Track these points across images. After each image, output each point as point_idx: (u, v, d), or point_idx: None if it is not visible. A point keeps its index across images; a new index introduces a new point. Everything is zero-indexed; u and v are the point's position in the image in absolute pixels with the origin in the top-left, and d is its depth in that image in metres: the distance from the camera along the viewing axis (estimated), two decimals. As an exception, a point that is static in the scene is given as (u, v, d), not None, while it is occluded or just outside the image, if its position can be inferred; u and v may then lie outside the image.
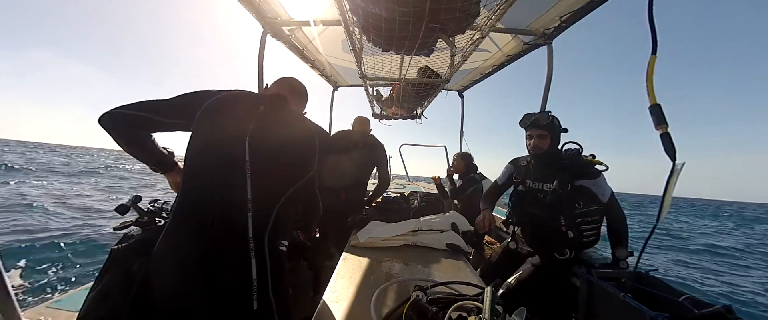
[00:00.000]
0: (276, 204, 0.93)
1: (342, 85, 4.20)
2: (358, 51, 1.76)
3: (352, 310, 1.01)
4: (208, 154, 0.92)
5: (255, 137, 0.92)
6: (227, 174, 0.89)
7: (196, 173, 0.92)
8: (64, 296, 1.37)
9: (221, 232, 0.85)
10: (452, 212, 1.99)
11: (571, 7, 1.76)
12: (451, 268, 1.39)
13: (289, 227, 1.05)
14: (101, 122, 0.91)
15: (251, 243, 0.86)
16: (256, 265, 0.86)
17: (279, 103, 1.02)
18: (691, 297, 1.21)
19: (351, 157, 2.35)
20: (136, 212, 1.20)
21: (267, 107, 0.99)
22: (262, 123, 0.95)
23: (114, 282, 0.87)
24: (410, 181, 5.41)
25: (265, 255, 0.89)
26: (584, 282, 1.44)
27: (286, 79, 1.15)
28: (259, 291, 0.87)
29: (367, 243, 1.64)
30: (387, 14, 1.22)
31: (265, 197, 0.90)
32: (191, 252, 0.85)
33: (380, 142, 2.56)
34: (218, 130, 0.94)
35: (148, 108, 0.93)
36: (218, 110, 0.95)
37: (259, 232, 0.88)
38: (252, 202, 0.87)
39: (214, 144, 0.93)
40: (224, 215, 0.86)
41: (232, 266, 0.86)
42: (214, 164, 0.92)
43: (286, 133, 1.00)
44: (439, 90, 2.82)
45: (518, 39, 2.31)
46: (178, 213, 0.90)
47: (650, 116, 0.79)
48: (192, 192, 0.91)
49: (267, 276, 0.89)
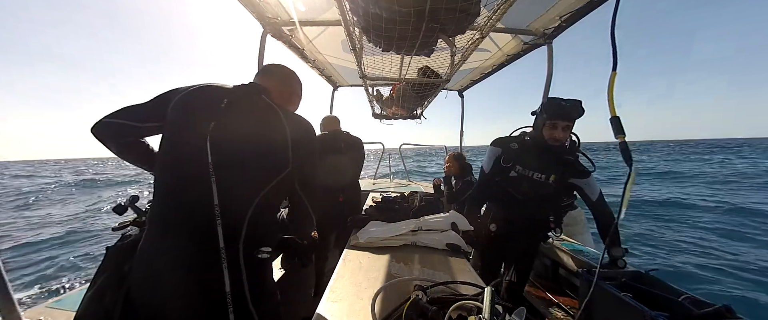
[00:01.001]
0: (248, 210, 0.84)
1: (342, 85, 4.20)
2: (358, 51, 1.76)
3: (352, 310, 1.01)
4: (173, 158, 0.86)
5: (216, 136, 0.83)
6: (191, 179, 0.82)
7: (163, 179, 0.87)
8: (64, 296, 1.37)
9: (190, 241, 0.80)
10: (452, 212, 1.98)
11: (571, 7, 1.76)
12: (451, 268, 1.39)
13: (270, 233, 0.98)
14: (92, 132, 0.91)
15: (223, 252, 0.79)
16: (229, 277, 0.79)
17: (245, 94, 0.92)
18: (691, 297, 1.21)
19: (345, 157, 2.35)
20: (133, 212, 1.20)
21: (230, 101, 0.88)
22: (224, 120, 0.85)
23: (109, 283, 0.87)
24: (410, 181, 5.40)
25: (240, 265, 0.83)
26: (584, 282, 1.44)
27: (266, 66, 1.06)
28: (235, 303, 0.80)
29: (367, 243, 1.64)
30: (387, 14, 1.22)
31: (234, 202, 0.83)
32: (163, 262, 0.81)
33: (361, 140, 2.54)
34: (180, 131, 0.87)
35: (130, 115, 0.91)
36: (182, 109, 0.88)
37: (231, 241, 0.81)
38: (220, 209, 0.79)
39: (178, 147, 0.86)
40: (192, 224, 0.81)
41: (204, 279, 0.80)
42: (178, 169, 0.85)
43: (251, 128, 0.88)
44: (439, 90, 2.82)
45: (518, 39, 2.31)
46: (151, 220, 0.87)
47: (610, 126, 0.85)
48: (161, 199, 0.86)
49: (244, 287, 0.84)
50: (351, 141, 2.43)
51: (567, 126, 1.54)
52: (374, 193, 3.12)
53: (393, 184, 4.96)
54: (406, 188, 4.11)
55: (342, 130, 2.47)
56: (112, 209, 1.15)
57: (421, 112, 3.76)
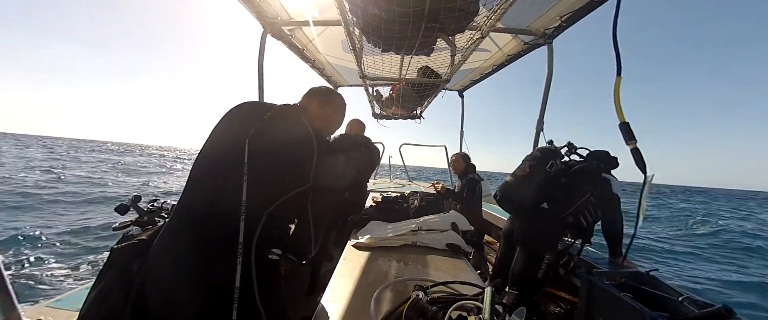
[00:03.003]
0: (265, 211, 0.91)
1: (342, 85, 4.20)
2: (358, 51, 1.76)
3: (352, 310, 1.01)
4: (211, 155, 0.95)
5: (255, 141, 0.92)
6: (226, 176, 0.90)
7: (197, 174, 0.94)
8: (64, 296, 1.37)
9: (213, 234, 0.85)
10: (452, 212, 1.99)
11: (571, 7, 1.76)
12: (451, 268, 1.39)
13: (280, 237, 1.02)
14: None
15: (240, 248, 0.84)
16: (240, 271, 0.83)
17: (286, 111, 1.03)
18: (691, 297, 1.21)
19: (353, 158, 2.36)
20: (135, 212, 1.20)
21: (272, 114, 0.99)
22: (264, 128, 0.95)
23: (114, 282, 0.87)
24: (410, 181, 5.40)
25: (251, 261, 0.87)
26: (584, 282, 1.44)
27: (313, 88, 1.19)
28: (242, 299, 0.84)
29: (367, 243, 1.64)
30: (387, 14, 1.22)
31: (257, 201, 0.89)
32: (184, 253, 0.85)
33: (375, 144, 2.58)
34: (223, 133, 0.98)
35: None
36: (228, 118, 1.00)
37: (247, 237, 0.86)
38: (245, 205, 0.85)
39: (218, 146, 0.96)
40: (218, 218, 0.86)
41: (220, 271, 0.84)
42: (214, 165, 0.94)
43: (284, 138, 0.99)
44: (439, 90, 2.82)
45: (518, 39, 2.31)
46: (177, 213, 0.92)
47: (620, 133, 0.82)
48: (190, 191, 0.93)
49: (252, 283, 0.87)
50: (360, 142, 2.45)
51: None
52: (374, 193, 3.12)
53: (393, 184, 4.96)
54: (406, 188, 4.11)
55: (360, 134, 2.50)
56: (114, 209, 1.15)
57: (421, 112, 3.76)
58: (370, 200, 2.81)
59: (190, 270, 0.84)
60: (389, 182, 5.17)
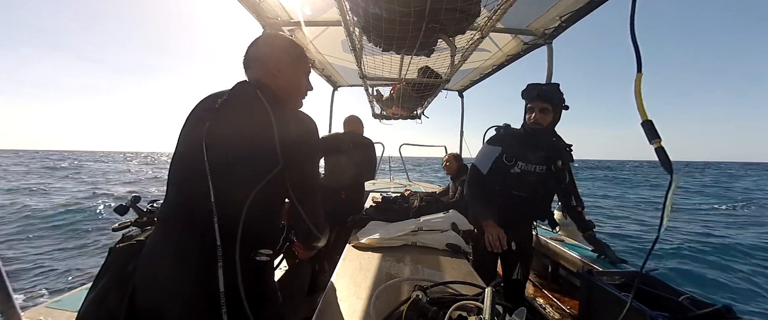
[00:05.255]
0: (242, 209, 0.84)
1: (342, 85, 4.20)
2: (358, 51, 1.76)
3: (352, 310, 1.01)
4: (178, 159, 0.91)
5: (211, 136, 0.85)
6: (192, 178, 0.84)
7: (172, 178, 0.92)
8: (64, 296, 1.37)
9: (190, 239, 0.82)
10: (452, 212, 1.98)
11: (571, 7, 1.76)
12: (451, 268, 1.39)
13: (270, 235, 0.97)
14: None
15: (219, 251, 0.79)
16: (223, 276, 0.79)
17: (237, 93, 0.92)
18: (691, 297, 1.21)
19: (349, 157, 2.36)
20: (135, 212, 1.20)
21: (222, 101, 0.89)
22: (218, 119, 0.88)
23: (111, 283, 0.87)
24: (410, 181, 5.40)
25: (236, 265, 0.82)
26: (584, 282, 1.44)
27: (249, 57, 1.02)
28: (230, 304, 0.79)
29: (367, 243, 1.64)
30: (387, 14, 1.22)
31: (229, 201, 0.83)
32: (166, 261, 0.83)
33: (372, 141, 2.56)
34: (186, 134, 0.92)
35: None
36: (189, 117, 0.94)
37: (227, 240, 0.81)
38: (216, 207, 0.80)
39: (184, 147, 0.91)
40: (193, 222, 0.83)
41: (201, 276, 0.81)
42: (181, 169, 0.90)
43: (238, 127, 0.89)
44: (439, 90, 2.82)
45: (518, 39, 2.31)
46: (159, 218, 0.92)
47: (643, 131, 0.79)
48: (168, 196, 0.91)
49: (239, 288, 0.83)
50: (360, 142, 2.44)
51: (544, 108, 1.57)
52: (374, 193, 3.12)
53: (393, 184, 4.96)
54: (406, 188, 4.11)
55: (356, 131, 2.48)
56: (113, 210, 1.15)
57: (422, 112, 3.76)
58: (370, 200, 2.81)
59: (174, 278, 0.82)
60: (389, 182, 5.17)
